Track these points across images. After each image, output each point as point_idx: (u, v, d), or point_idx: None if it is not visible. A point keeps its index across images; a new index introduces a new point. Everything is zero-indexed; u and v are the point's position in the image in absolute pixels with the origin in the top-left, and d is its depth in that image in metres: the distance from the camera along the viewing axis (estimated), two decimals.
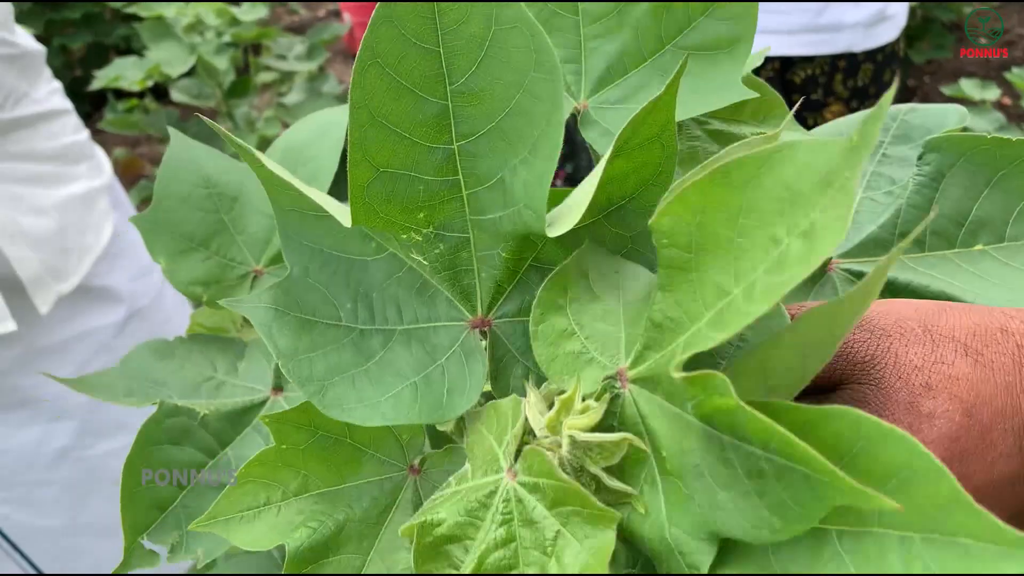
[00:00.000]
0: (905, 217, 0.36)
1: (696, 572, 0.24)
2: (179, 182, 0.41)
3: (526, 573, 0.25)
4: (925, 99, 2.87)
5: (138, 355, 0.41)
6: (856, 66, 1.23)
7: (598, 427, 0.26)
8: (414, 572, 0.27)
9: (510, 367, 0.30)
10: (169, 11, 1.64)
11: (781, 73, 1.21)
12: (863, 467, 0.21)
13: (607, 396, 0.26)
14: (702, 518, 0.24)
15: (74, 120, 0.95)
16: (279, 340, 0.28)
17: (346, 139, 0.32)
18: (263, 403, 0.38)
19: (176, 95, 1.80)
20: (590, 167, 0.32)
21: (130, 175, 2.35)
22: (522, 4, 0.27)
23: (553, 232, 0.29)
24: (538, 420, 0.27)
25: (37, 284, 0.83)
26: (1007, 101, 2.35)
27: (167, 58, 1.58)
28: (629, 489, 0.26)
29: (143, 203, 1.75)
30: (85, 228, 0.89)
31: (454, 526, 0.26)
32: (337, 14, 4.21)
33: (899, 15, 1.23)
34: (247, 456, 0.35)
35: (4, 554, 0.91)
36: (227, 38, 1.67)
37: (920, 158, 0.36)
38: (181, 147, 0.42)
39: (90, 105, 2.77)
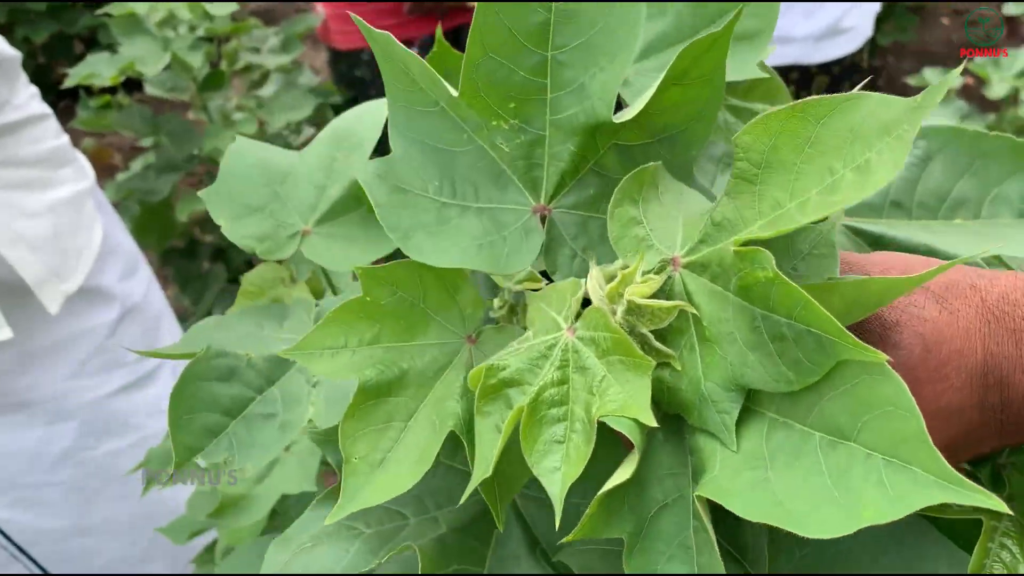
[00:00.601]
0: (896, 187, 0.42)
1: (726, 416, 0.30)
2: (240, 164, 0.48)
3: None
4: (890, 80, 2.92)
5: (201, 327, 0.46)
6: (809, 78, 1.24)
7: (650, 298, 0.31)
8: (473, 413, 0.32)
9: (560, 247, 0.36)
10: (141, 8, 1.62)
11: None
12: (863, 395, 0.27)
13: (662, 275, 0.31)
14: (732, 374, 0.30)
15: (54, 124, 0.95)
16: (377, 195, 0.34)
17: (386, 123, 0.37)
18: None
19: (150, 89, 1.78)
20: None
21: (99, 165, 2.33)
22: None
23: (620, 118, 0.34)
24: (597, 291, 0.32)
25: (43, 285, 0.84)
26: (970, 81, 2.41)
27: (141, 55, 1.57)
28: (671, 351, 0.31)
29: (115, 205, 1.73)
30: (77, 229, 0.90)
31: (515, 372, 0.31)
32: None
33: (859, 29, 1.22)
34: (293, 393, 0.43)
35: (11, 557, 0.92)
36: (201, 32, 1.66)
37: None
38: (243, 143, 0.50)
39: (55, 96, 2.73)
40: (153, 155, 1.79)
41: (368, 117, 0.49)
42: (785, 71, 1.20)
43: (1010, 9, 2.09)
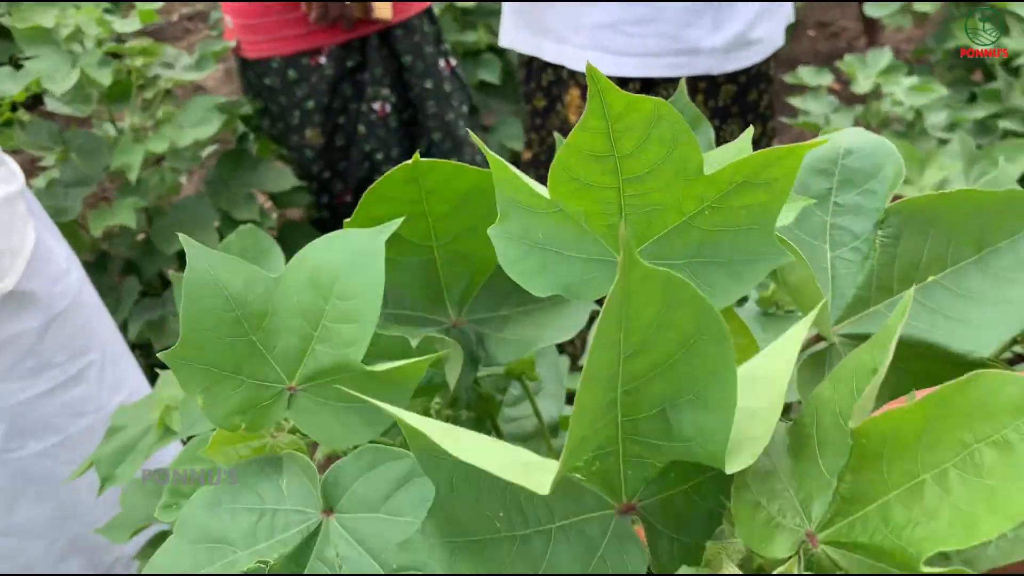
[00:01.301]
0: (879, 274, 0.42)
1: None
2: (204, 313, 0.39)
3: None
4: None
5: (190, 512, 0.38)
6: (716, 87, 1.24)
7: None
8: None
9: (658, 542, 0.32)
10: (48, 21, 1.62)
11: (644, 92, 1.22)
12: None
13: (801, 555, 0.29)
14: None
15: None
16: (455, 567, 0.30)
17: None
18: (317, 530, 0.37)
19: (52, 104, 1.77)
20: None
21: None
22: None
23: (731, 469, 0.30)
24: None
25: None
26: (836, 87, 2.61)
27: (48, 71, 1.57)
28: None
29: None
30: (10, 231, 0.91)
31: None
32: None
33: (767, 40, 1.23)
34: None
35: None
36: (108, 45, 1.67)
37: (883, 221, 0.42)
38: (200, 264, 0.39)
39: None
40: (58, 171, 1.77)
41: (366, 272, 0.39)
42: (694, 81, 1.21)
43: (871, 10, 2.28)
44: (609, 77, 0.33)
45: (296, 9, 1.65)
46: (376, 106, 1.78)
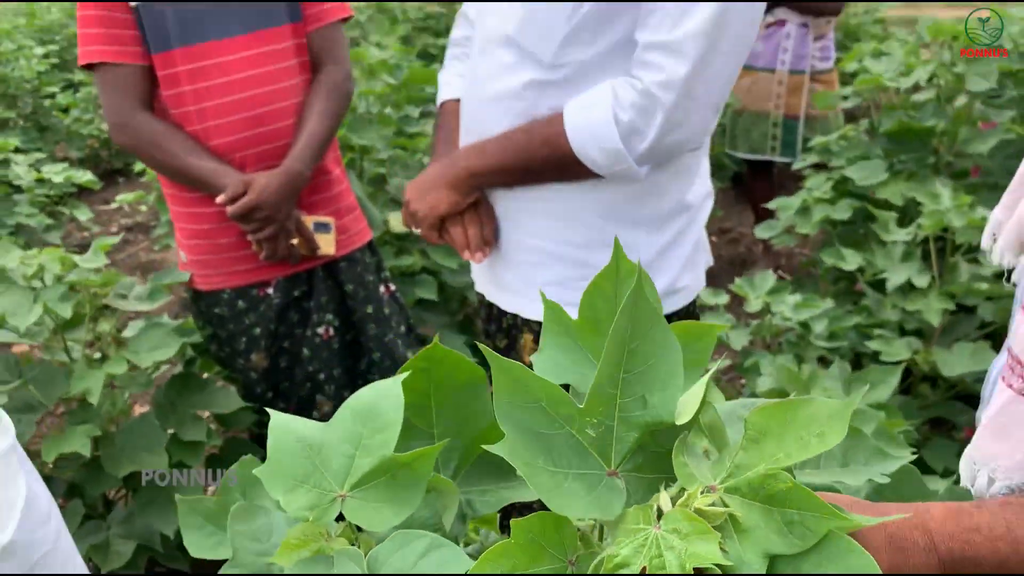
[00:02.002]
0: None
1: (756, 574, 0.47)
2: (283, 440, 0.58)
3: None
4: None
5: None
6: None
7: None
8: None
9: (633, 496, 0.53)
10: (11, 261, 1.75)
11: None
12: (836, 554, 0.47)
13: (709, 496, 0.50)
14: (759, 548, 0.48)
15: None
16: (519, 466, 0.51)
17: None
18: None
19: (3, 335, 1.86)
20: None
21: None
22: None
23: (680, 421, 0.52)
24: (668, 505, 0.50)
25: None
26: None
27: (11, 308, 1.68)
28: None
29: None
30: (5, 485, 0.97)
31: (624, 557, 0.48)
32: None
33: (693, 286, 1.37)
34: None
35: None
36: (69, 278, 1.79)
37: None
38: (279, 419, 0.60)
39: None
40: (7, 397, 1.84)
41: (388, 401, 0.59)
42: None
43: (760, 232, 2.59)
44: None
45: (247, 247, 1.82)
46: (320, 330, 1.92)
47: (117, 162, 5.48)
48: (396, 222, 2.37)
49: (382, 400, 0.59)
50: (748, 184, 3.84)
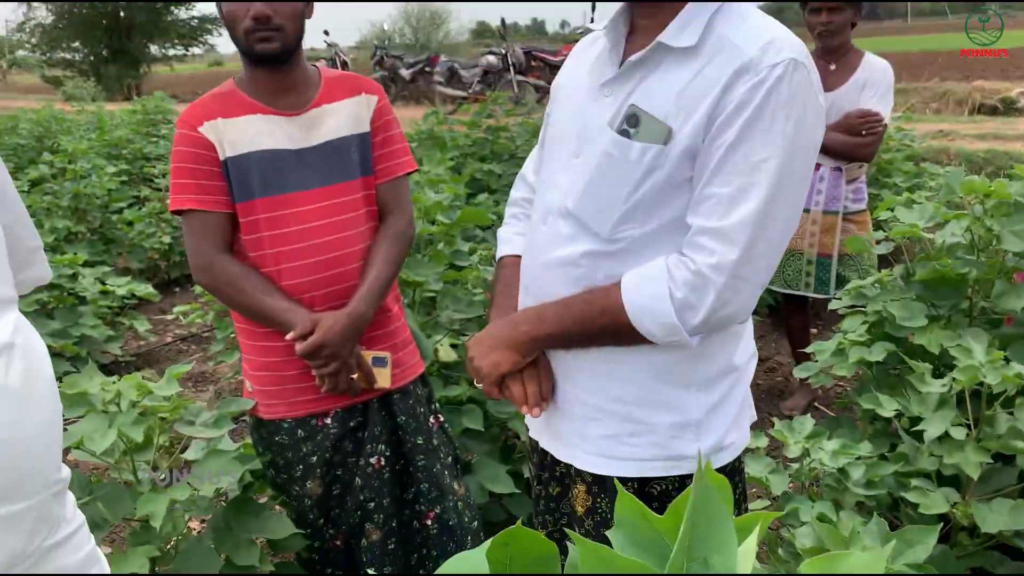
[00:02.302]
0: None
1: None
2: None
3: None
4: None
5: None
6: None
7: None
8: None
9: None
10: (93, 387, 1.88)
11: (640, 489, 1.40)
12: None
13: None
14: None
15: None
16: None
17: None
18: None
19: (76, 454, 1.98)
20: None
21: None
22: None
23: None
24: None
25: None
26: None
27: (89, 431, 1.80)
28: None
29: None
30: None
31: None
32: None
33: (739, 442, 1.44)
34: None
35: None
36: (142, 405, 1.91)
37: None
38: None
39: None
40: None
41: (475, 572, 0.66)
42: (682, 479, 1.38)
43: (798, 372, 2.65)
44: (610, 477, 0.62)
45: (310, 380, 1.94)
46: (372, 460, 2.01)
47: (174, 272, 5.74)
48: (445, 353, 2.49)
49: (469, 571, 0.67)
50: (784, 315, 3.92)
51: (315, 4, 1.96)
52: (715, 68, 1.24)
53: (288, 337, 1.83)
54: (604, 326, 1.31)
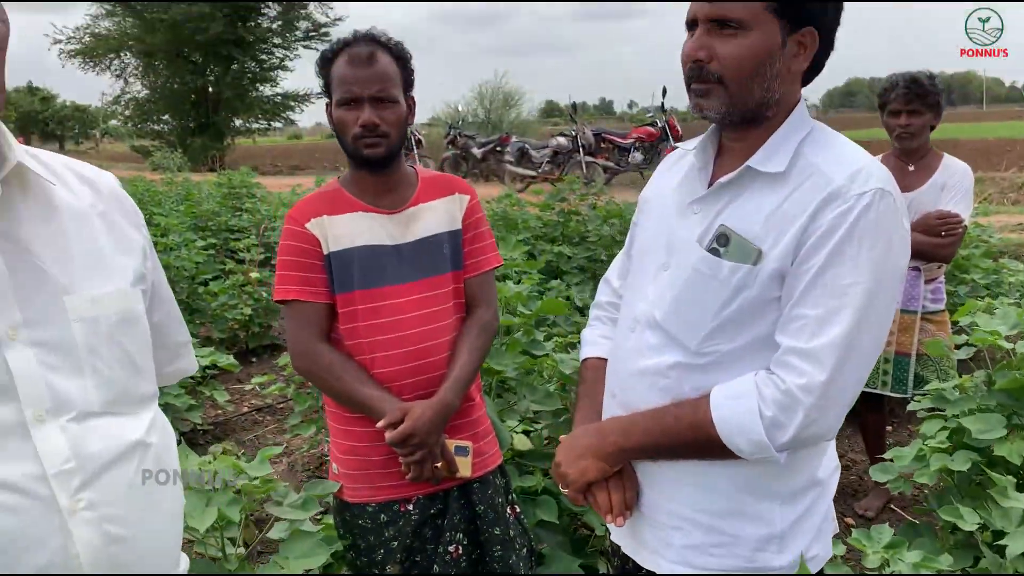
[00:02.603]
0: None
1: None
2: None
3: None
4: None
5: None
6: None
7: None
8: None
9: None
10: (191, 466, 1.98)
11: None
12: None
13: None
14: None
15: None
16: None
17: None
18: None
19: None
20: None
21: None
22: None
23: None
24: None
25: None
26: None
27: (189, 510, 1.90)
28: None
29: None
30: None
31: None
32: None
33: (820, 557, 1.43)
34: None
35: None
36: (236, 484, 2.00)
37: None
38: None
39: None
40: None
41: None
42: None
43: (876, 475, 2.62)
44: None
45: (395, 466, 2.01)
46: (451, 548, 2.06)
47: (252, 343, 5.93)
48: (520, 442, 2.54)
49: None
50: (860, 413, 3.86)
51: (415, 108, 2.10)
52: (804, 193, 1.30)
53: (379, 425, 1.91)
54: (692, 441, 1.35)
